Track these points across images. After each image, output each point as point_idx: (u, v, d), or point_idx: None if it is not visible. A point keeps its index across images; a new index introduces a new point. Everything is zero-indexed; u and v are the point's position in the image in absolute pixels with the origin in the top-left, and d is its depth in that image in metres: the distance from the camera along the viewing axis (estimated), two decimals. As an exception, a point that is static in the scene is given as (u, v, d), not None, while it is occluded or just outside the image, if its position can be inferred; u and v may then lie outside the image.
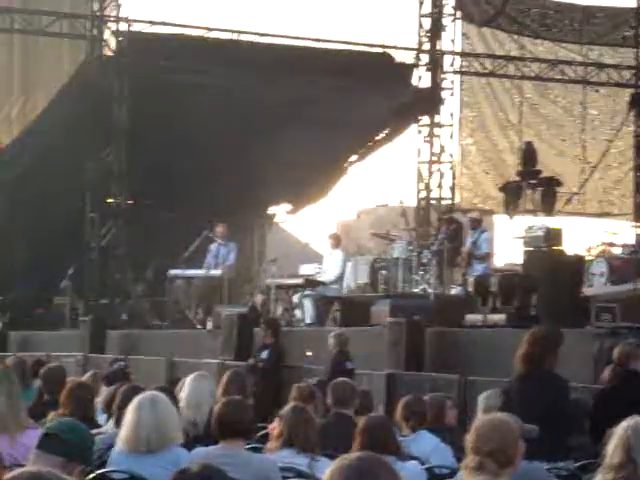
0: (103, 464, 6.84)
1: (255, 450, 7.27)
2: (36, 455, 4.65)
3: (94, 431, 7.63)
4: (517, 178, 19.39)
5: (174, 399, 7.95)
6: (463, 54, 25.80)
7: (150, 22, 23.01)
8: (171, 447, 6.55)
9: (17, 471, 3.38)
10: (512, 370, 8.09)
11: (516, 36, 25.72)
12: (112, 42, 22.71)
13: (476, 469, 5.06)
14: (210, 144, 23.10)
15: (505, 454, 5.13)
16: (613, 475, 4.29)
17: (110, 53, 22.71)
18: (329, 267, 18.24)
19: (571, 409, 8.02)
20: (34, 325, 21.83)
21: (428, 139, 25.42)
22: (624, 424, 4.37)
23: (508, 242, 19.48)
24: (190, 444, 7.06)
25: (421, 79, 25.50)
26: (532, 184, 18.51)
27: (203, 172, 23.66)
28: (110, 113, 21.91)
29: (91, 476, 6.64)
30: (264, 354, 14.48)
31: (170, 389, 8.57)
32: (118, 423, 7.10)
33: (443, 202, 25.20)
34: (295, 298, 18.10)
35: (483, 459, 5.07)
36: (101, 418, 8.59)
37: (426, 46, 25.46)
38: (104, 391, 9.91)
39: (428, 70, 25.39)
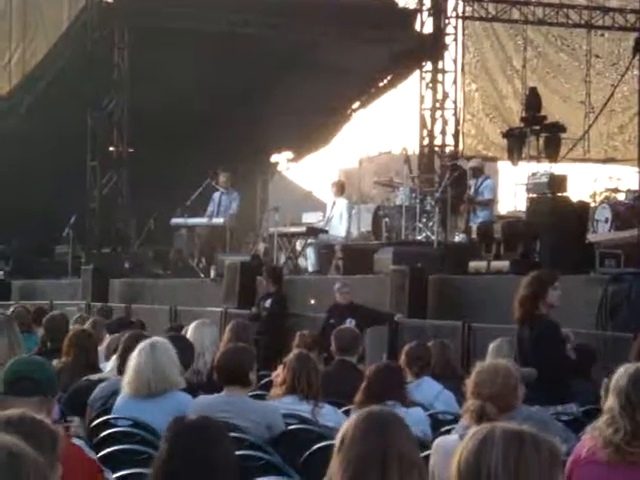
0: (107, 411, 6.84)
1: (258, 397, 7.26)
2: (10, 400, 4.57)
3: (96, 377, 7.63)
4: (521, 124, 19.22)
5: (186, 343, 7.93)
6: (466, -1, 25.54)
7: (150, -32, 22.75)
8: (173, 392, 6.58)
9: (8, 412, 3.37)
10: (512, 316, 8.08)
11: (520, -20, 25.45)
12: (112, -12, 22.47)
13: (476, 413, 5.08)
14: (212, 92, 22.95)
15: (505, 398, 5.15)
16: (610, 419, 4.33)
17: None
18: (335, 217, 18.06)
19: (564, 352, 7.96)
20: (36, 274, 21.82)
21: (431, 85, 25.24)
22: (621, 369, 4.40)
23: (512, 189, 19.37)
24: (193, 392, 7.05)
25: (424, 25, 25.28)
26: (536, 130, 18.34)
27: (205, 120, 23.54)
28: (110, 60, 21.73)
29: (95, 422, 6.64)
30: (267, 302, 14.46)
31: (180, 335, 8.54)
32: (121, 370, 7.08)
33: (446, 149, 25.08)
34: (298, 246, 18.04)
35: (483, 403, 5.08)
36: (104, 365, 8.56)
37: (429, -9, 25.22)
38: (107, 339, 9.90)
39: (431, 15, 25.16)
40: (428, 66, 25.34)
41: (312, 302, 14.90)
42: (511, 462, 2.76)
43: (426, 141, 25.32)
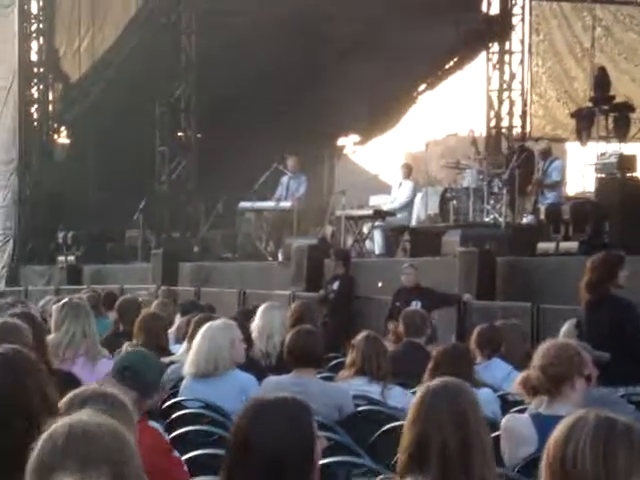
0: (177, 393, 6.93)
1: (326, 379, 7.31)
2: (111, 383, 4.69)
3: (166, 359, 7.74)
4: (589, 104, 19.03)
5: (245, 329, 8.00)
6: (533, -21, 25.31)
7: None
8: (232, 371, 6.68)
9: (83, 387, 3.47)
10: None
11: (588, -42, 25.15)
12: (179, -26, 22.58)
13: (530, 383, 5.13)
14: (278, 76, 23.01)
15: (565, 377, 5.12)
16: None
17: (177, -15, 22.61)
18: (397, 196, 18.24)
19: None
20: (107, 258, 22.10)
21: (498, 67, 25.07)
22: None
23: (580, 169, 19.21)
24: (263, 374, 7.12)
25: (491, 5, 25.10)
26: (605, 110, 18.14)
27: (272, 105, 23.61)
28: (178, 46, 21.87)
29: (167, 404, 6.74)
30: (334, 285, 14.52)
31: (241, 319, 8.62)
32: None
33: (514, 130, 24.90)
34: (365, 229, 18.08)
35: (544, 381, 5.10)
36: (174, 348, 8.67)
37: (495, -29, 25.03)
38: (177, 321, 10.02)
39: (497, -4, 24.98)
40: (495, 47, 25.15)
41: (379, 285, 14.92)
42: (600, 445, 2.74)
43: (493, 123, 25.15)
